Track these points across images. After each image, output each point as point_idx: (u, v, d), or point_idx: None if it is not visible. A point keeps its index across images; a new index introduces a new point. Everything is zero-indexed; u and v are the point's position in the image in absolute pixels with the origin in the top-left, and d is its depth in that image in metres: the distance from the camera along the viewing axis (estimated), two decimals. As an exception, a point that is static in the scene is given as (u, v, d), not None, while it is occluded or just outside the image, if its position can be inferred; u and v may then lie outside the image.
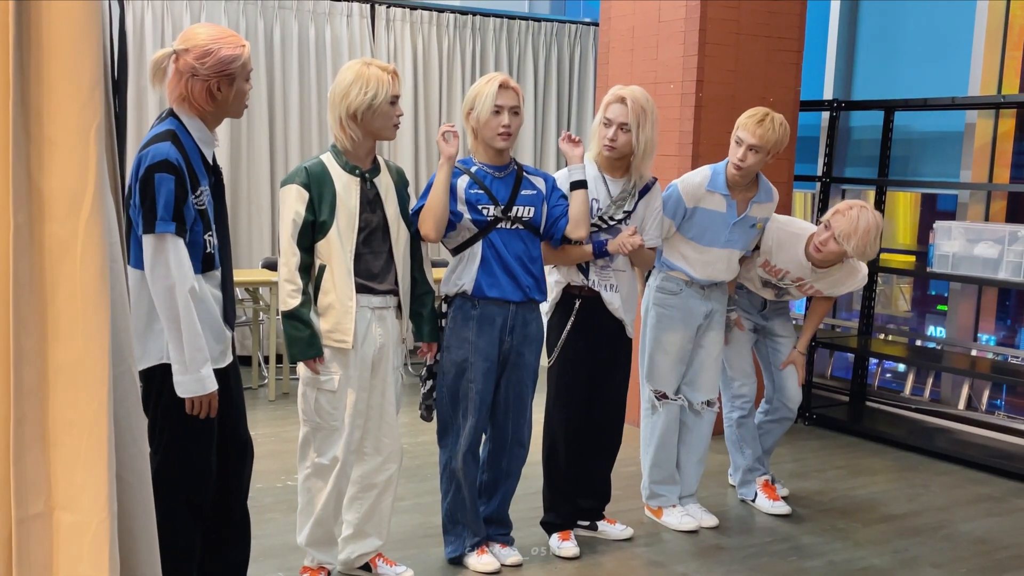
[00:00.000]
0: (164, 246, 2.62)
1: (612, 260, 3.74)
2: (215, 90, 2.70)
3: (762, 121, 3.87)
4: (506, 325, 3.53)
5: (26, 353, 1.79)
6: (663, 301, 4.09)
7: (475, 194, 3.47)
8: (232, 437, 2.97)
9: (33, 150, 1.77)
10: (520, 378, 3.62)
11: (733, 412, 4.46)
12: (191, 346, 2.65)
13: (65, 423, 1.84)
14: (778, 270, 4.20)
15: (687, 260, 4.04)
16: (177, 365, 2.67)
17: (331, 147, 3.28)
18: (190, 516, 2.86)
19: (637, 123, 3.59)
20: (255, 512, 3.22)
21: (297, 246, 3.18)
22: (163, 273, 2.62)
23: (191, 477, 2.84)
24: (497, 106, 3.40)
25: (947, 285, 6.07)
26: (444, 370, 3.55)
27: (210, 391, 2.71)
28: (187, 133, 2.72)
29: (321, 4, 6.95)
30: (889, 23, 6.37)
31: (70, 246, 1.79)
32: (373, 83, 3.13)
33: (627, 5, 5.65)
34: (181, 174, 2.64)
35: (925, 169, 6.17)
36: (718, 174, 3.99)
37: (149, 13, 6.36)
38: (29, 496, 1.83)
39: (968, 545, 4.11)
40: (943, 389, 6.08)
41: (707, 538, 4.09)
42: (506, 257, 3.49)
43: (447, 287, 3.55)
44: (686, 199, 3.96)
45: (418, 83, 7.33)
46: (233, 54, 2.69)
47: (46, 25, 1.73)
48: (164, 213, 2.61)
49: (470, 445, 3.57)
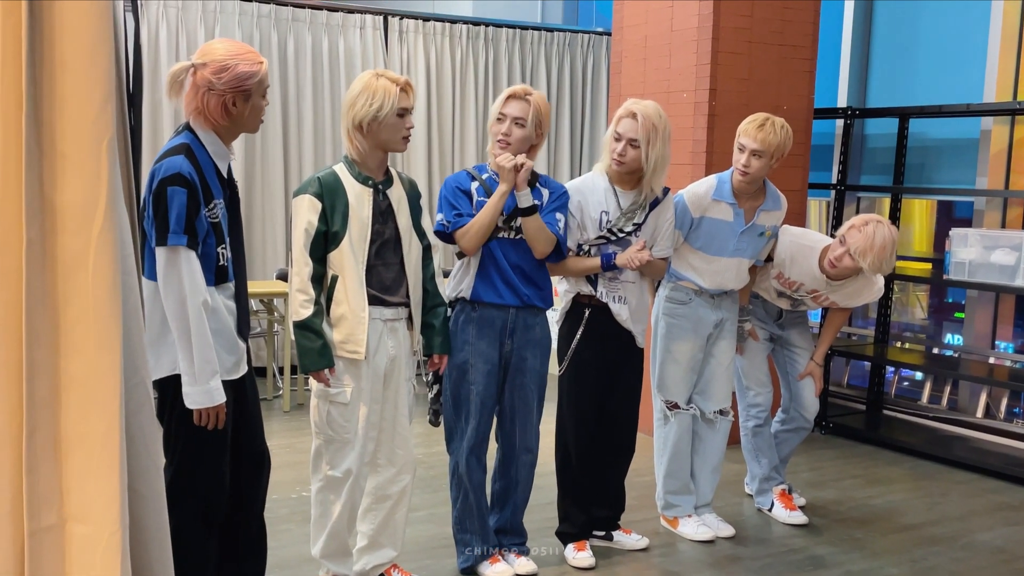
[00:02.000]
0: (176, 259, 2.64)
1: (621, 272, 3.74)
2: (230, 105, 2.72)
3: (763, 125, 3.85)
4: (506, 327, 3.55)
5: (38, 365, 1.80)
6: (672, 311, 4.07)
7: (482, 201, 3.50)
8: (248, 448, 2.98)
9: (46, 164, 1.78)
10: (524, 383, 3.62)
11: (749, 421, 4.44)
12: (200, 358, 2.66)
13: (77, 435, 1.84)
14: (792, 282, 4.18)
15: (695, 270, 4.02)
16: (186, 376, 2.68)
17: (344, 158, 3.29)
18: (203, 526, 2.87)
19: (647, 139, 3.57)
20: (270, 523, 3.22)
21: (310, 256, 3.18)
22: (175, 285, 2.64)
23: (205, 487, 2.84)
24: (501, 114, 3.48)
25: (964, 292, 6.03)
26: (448, 373, 3.58)
27: (218, 403, 2.72)
28: (202, 147, 2.74)
29: (334, 16, 6.98)
30: (903, 30, 6.35)
31: (82, 259, 1.80)
32: (380, 94, 3.13)
33: (640, 14, 5.66)
34: (194, 187, 2.66)
35: (941, 176, 6.14)
36: (724, 183, 3.98)
37: (164, 27, 6.40)
38: (41, 508, 1.84)
39: (987, 555, 4.07)
40: (961, 397, 6.04)
41: (723, 548, 4.07)
42: (504, 267, 3.51)
43: (449, 291, 3.59)
44: (692, 209, 3.95)
45: (431, 94, 7.35)
46: (250, 71, 2.71)
47: (59, 40, 1.74)
48: (176, 226, 2.62)
49: (472, 447, 3.57)
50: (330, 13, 6.97)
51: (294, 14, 6.86)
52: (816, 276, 4.11)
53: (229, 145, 2.83)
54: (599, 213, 3.68)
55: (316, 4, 6.98)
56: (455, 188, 3.55)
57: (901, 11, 6.36)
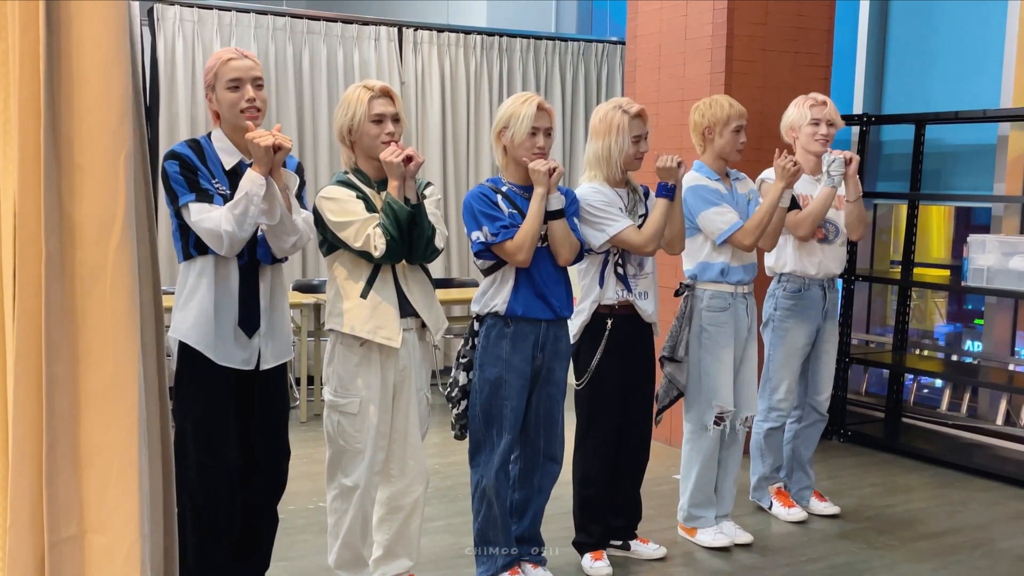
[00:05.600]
0: (194, 212, 2.89)
1: (641, 267, 3.76)
2: (210, 101, 3.02)
3: (731, 101, 4.02)
4: (538, 342, 3.54)
5: (58, 378, 1.82)
6: (714, 320, 4.04)
7: (513, 213, 3.48)
8: (265, 439, 3.18)
9: (64, 178, 1.80)
10: (550, 394, 3.62)
11: (766, 423, 4.43)
12: (243, 199, 2.87)
13: (97, 447, 1.86)
14: (803, 196, 4.31)
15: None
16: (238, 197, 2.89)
17: (343, 172, 3.31)
18: (204, 481, 3.04)
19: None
20: (287, 533, 3.24)
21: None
22: (209, 229, 2.87)
23: (206, 444, 3.03)
24: (534, 128, 3.43)
25: (983, 299, 5.99)
26: (478, 388, 3.54)
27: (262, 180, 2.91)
28: (209, 141, 3.04)
29: (349, 28, 7.02)
30: (919, 35, 6.33)
31: (100, 272, 1.82)
32: (352, 103, 3.18)
33: (654, 23, 5.66)
34: (185, 159, 2.94)
35: (958, 182, 6.11)
36: (704, 168, 4.08)
37: (180, 41, 6.45)
38: (61, 519, 1.85)
39: (1009, 563, 4.04)
40: (980, 404, 5.99)
41: (741, 556, 4.05)
42: (536, 279, 3.50)
43: (479, 307, 3.55)
44: (711, 187, 4.02)
45: (446, 105, 7.38)
46: (209, 67, 2.98)
47: (76, 56, 1.76)
48: (180, 189, 2.90)
49: (503, 462, 3.57)
50: (345, 25, 7.01)
51: (309, 26, 6.90)
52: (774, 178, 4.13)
53: (243, 143, 2.99)
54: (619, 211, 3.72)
55: (331, 16, 7.02)
56: (484, 199, 3.48)
57: (917, 16, 6.34)
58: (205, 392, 3.01)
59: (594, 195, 3.70)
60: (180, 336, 2.99)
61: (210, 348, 2.98)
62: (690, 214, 3.99)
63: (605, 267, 3.74)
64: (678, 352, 4.02)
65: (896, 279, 6.03)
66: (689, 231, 4.01)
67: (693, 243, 4.05)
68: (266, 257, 3.09)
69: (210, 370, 3.00)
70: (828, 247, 4.36)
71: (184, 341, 2.98)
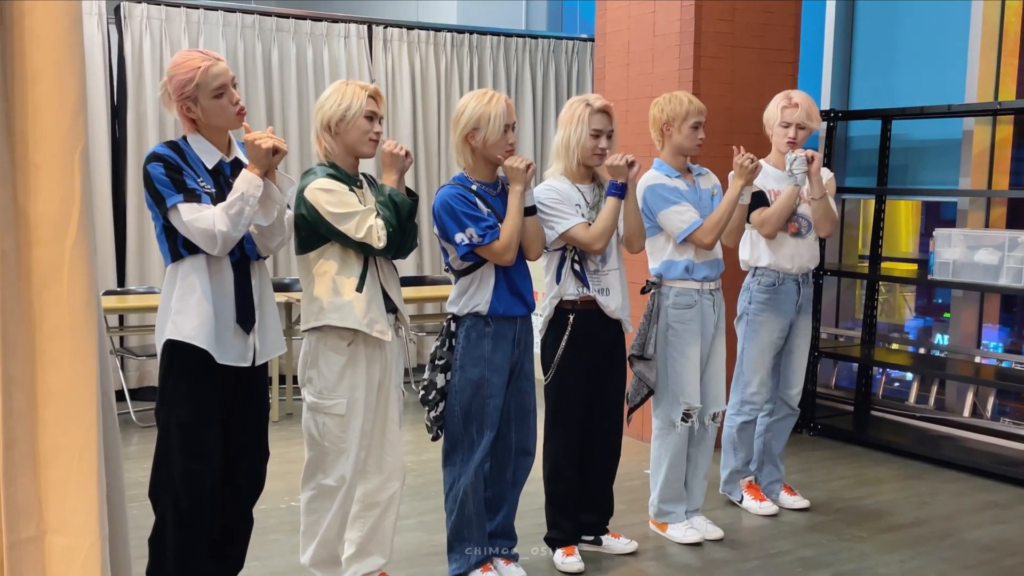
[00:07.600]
0: (183, 212, 2.84)
1: (604, 263, 3.76)
2: (186, 111, 2.94)
3: (690, 98, 4.04)
4: (515, 338, 3.57)
5: (15, 378, 1.80)
6: (680, 317, 4.05)
7: (491, 212, 3.50)
8: (247, 440, 3.15)
9: (19, 175, 1.78)
10: (521, 387, 3.64)
11: (739, 416, 4.46)
12: (239, 199, 2.86)
13: (55, 447, 1.84)
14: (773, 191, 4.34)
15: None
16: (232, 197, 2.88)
17: (319, 166, 3.27)
18: (189, 467, 3.01)
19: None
20: (259, 533, 3.23)
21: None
22: (202, 230, 2.83)
23: (192, 447, 2.99)
24: (505, 125, 3.44)
25: (950, 292, 6.06)
26: (459, 388, 3.53)
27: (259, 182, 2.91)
28: (187, 143, 2.98)
29: (319, 26, 6.99)
30: (885, 32, 6.38)
31: (57, 271, 1.80)
32: (348, 96, 3.17)
33: (622, 20, 5.67)
34: (168, 160, 2.88)
35: (924, 177, 6.17)
36: (664, 166, 4.09)
37: (147, 39, 6.40)
38: (20, 520, 1.84)
39: (975, 553, 4.09)
40: (948, 397, 6.06)
41: (712, 550, 4.07)
42: (512, 276, 3.52)
43: (458, 308, 3.54)
44: (669, 185, 4.03)
45: (416, 102, 7.37)
46: (185, 78, 2.88)
47: (29, 52, 1.74)
48: (167, 191, 2.85)
49: (483, 459, 3.57)
50: (314, 23, 6.98)
51: (278, 24, 6.87)
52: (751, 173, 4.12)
53: (222, 142, 3.01)
54: (574, 207, 3.72)
55: (300, 14, 6.99)
56: (464, 200, 3.45)
57: (883, 13, 6.39)
58: (195, 394, 2.96)
59: (546, 192, 3.71)
60: (185, 337, 2.90)
61: (214, 347, 2.94)
62: (651, 213, 4.01)
63: (562, 264, 3.75)
64: (647, 350, 4.03)
65: (864, 273, 6.09)
66: (652, 230, 4.03)
67: (656, 242, 4.07)
68: (253, 253, 3.07)
69: (202, 371, 2.94)
70: (802, 241, 4.39)
71: (190, 342, 2.90)
